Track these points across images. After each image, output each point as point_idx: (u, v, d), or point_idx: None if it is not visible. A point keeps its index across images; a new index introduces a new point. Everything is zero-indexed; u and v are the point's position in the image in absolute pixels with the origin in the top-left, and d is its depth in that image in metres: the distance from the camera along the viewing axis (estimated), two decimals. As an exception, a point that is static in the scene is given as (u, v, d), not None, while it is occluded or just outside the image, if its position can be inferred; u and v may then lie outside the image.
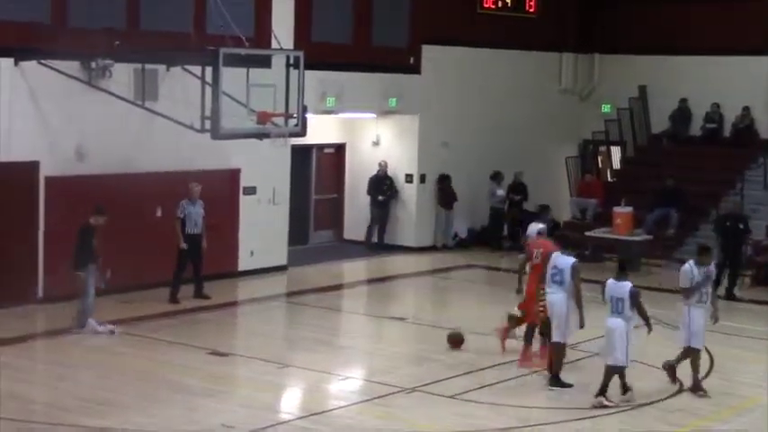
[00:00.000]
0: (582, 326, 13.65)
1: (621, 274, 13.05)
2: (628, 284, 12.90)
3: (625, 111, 27.16)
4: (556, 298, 13.64)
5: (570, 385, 13.59)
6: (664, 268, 22.09)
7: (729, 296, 19.48)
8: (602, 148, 28.58)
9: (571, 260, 13.67)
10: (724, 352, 15.30)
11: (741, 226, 20.58)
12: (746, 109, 25.78)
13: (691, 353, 13.58)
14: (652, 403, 13.15)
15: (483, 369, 14.38)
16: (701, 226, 24.00)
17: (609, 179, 27.95)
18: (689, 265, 13.51)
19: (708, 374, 14.27)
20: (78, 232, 15.96)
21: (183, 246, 17.72)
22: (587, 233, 23.66)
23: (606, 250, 23.42)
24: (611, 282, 13.04)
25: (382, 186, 24.00)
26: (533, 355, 14.58)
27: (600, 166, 28.70)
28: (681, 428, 12.39)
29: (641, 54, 27.06)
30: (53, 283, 17.29)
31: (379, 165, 24.05)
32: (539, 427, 12.09)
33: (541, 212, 18.74)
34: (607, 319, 12.97)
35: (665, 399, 13.35)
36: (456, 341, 15.51)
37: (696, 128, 26.49)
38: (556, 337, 13.65)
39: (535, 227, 15.54)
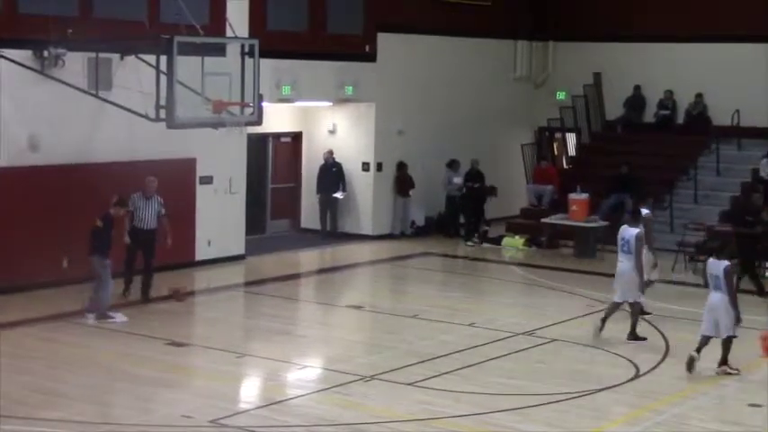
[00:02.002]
0: (650, 277, 15.91)
1: (721, 254, 13.85)
2: (724, 263, 13.70)
3: (580, 98, 27.33)
4: (625, 266, 15.34)
5: (644, 338, 15.31)
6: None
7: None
8: (558, 135, 28.76)
9: (635, 231, 15.34)
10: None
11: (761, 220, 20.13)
12: (699, 96, 26.02)
13: None
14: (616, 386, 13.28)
15: (440, 357, 14.42)
16: (656, 212, 24.20)
17: (564, 166, 28.14)
18: None
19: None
20: (100, 221, 15.98)
21: (126, 240, 17.45)
22: (543, 220, 23.80)
23: (562, 237, 23.63)
24: (711, 260, 13.95)
25: (329, 176, 23.89)
26: None
27: (555, 152, 28.88)
28: (634, 410, 12.48)
29: (595, 41, 27.23)
30: (5, 273, 17.10)
31: (324, 154, 23.94)
32: (497, 414, 12.13)
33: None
34: (709, 295, 13.84)
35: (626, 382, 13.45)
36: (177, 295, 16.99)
37: (650, 114, 26.71)
38: (630, 299, 15.33)
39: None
